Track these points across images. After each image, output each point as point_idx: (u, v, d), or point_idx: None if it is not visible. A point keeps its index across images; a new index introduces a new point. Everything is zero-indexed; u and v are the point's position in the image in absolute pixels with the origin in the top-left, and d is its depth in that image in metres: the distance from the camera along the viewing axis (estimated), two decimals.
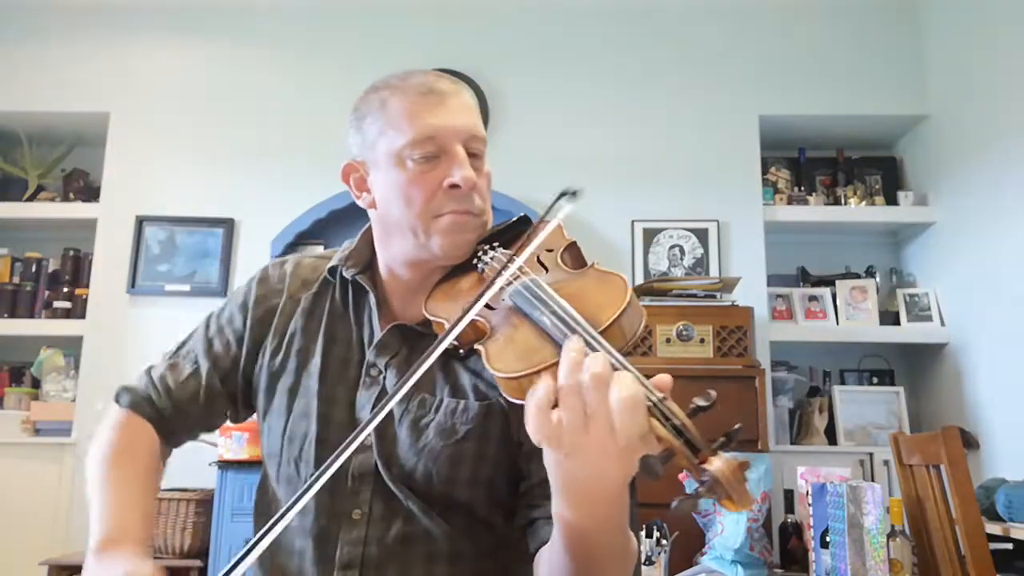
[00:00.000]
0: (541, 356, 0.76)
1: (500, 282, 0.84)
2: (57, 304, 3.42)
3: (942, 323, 3.31)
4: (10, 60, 3.57)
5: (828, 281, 3.48)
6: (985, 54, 3.08)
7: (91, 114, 3.50)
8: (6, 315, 3.41)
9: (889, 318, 3.37)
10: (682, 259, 3.36)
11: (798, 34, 3.55)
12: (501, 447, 0.97)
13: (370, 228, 1.08)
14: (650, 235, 3.37)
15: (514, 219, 1.04)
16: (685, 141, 3.45)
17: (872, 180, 3.59)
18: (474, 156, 0.98)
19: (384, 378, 1.00)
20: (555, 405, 0.68)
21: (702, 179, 3.41)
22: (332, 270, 1.08)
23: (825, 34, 3.55)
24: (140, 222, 3.40)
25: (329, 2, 3.61)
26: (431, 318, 0.95)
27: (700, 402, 0.67)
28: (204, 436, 1.14)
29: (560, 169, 3.37)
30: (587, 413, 0.66)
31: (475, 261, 0.99)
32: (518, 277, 0.87)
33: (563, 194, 0.86)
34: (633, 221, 3.38)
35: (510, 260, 0.87)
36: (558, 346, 0.74)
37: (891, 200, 3.51)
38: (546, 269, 0.92)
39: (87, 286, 3.40)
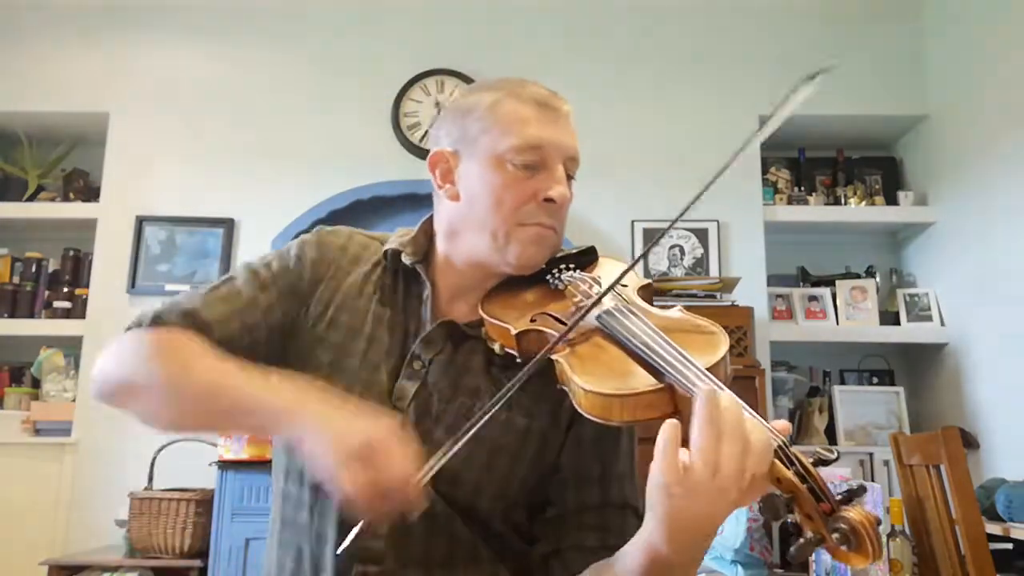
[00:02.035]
0: (639, 382, 0.77)
1: (599, 298, 0.88)
2: (57, 304, 3.41)
3: (942, 323, 3.31)
4: (10, 60, 3.57)
5: (828, 281, 3.48)
6: (985, 54, 3.08)
7: (91, 114, 3.50)
8: (6, 315, 3.40)
9: (889, 318, 3.36)
10: (682, 259, 3.36)
11: (798, 34, 3.55)
12: (531, 470, 0.97)
13: (430, 219, 1.07)
14: (650, 235, 3.37)
15: (583, 248, 1.06)
16: (685, 141, 3.45)
17: (872, 180, 3.59)
18: (568, 178, 1.00)
19: (426, 372, 0.98)
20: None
21: (702, 179, 3.38)
22: (386, 253, 1.05)
23: (825, 34, 3.54)
24: (140, 222, 3.39)
25: (329, 2, 3.61)
26: (491, 320, 0.95)
27: (824, 455, 0.69)
28: (204, 435, 1.12)
29: None
30: (719, 460, 0.68)
31: (548, 277, 1.00)
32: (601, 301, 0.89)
33: (810, 77, 0.87)
34: (633, 221, 3.38)
35: (625, 270, 0.91)
36: (657, 374, 0.76)
37: (891, 200, 3.51)
38: (626, 301, 0.92)
39: (87, 286, 3.40)
